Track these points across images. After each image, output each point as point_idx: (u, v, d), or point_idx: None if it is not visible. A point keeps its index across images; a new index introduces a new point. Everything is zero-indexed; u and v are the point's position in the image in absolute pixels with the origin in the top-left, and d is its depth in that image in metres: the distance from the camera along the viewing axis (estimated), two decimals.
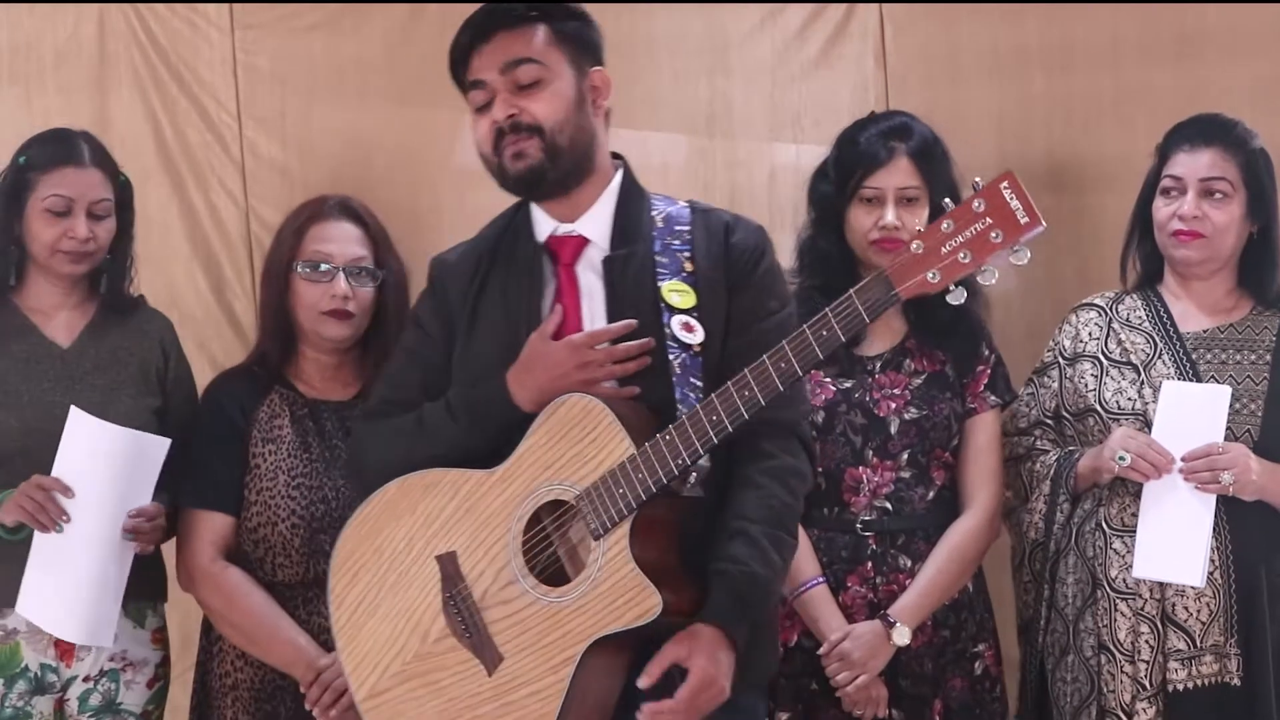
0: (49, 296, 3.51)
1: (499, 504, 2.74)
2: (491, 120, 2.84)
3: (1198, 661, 3.34)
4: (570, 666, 2.66)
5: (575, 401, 2.71)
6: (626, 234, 2.87)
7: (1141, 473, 3.31)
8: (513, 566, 2.72)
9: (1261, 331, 3.47)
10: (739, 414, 2.64)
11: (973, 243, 2.52)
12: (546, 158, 2.82)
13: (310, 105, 4.17)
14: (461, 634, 2.74)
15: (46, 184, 3.42)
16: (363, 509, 2.86)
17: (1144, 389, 3.43)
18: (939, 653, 3.49)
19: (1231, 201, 3.43)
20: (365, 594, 2.82)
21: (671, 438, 2.65)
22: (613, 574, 2.66)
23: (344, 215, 3.51)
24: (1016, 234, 2.50)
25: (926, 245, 2.55)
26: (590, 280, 2.86)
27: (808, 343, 2.62)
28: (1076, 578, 3.45)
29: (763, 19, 4.23)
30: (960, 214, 2.53)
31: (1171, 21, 4.09)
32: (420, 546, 2.79)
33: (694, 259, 2.86)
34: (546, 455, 2.72)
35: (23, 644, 3.40)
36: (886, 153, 3.50)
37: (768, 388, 2.63)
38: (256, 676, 3.40)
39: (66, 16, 4.09)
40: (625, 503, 2.66)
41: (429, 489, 2.80)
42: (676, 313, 2.80)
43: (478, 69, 2.87)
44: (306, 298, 3.45)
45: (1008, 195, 2.50)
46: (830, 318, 2.61)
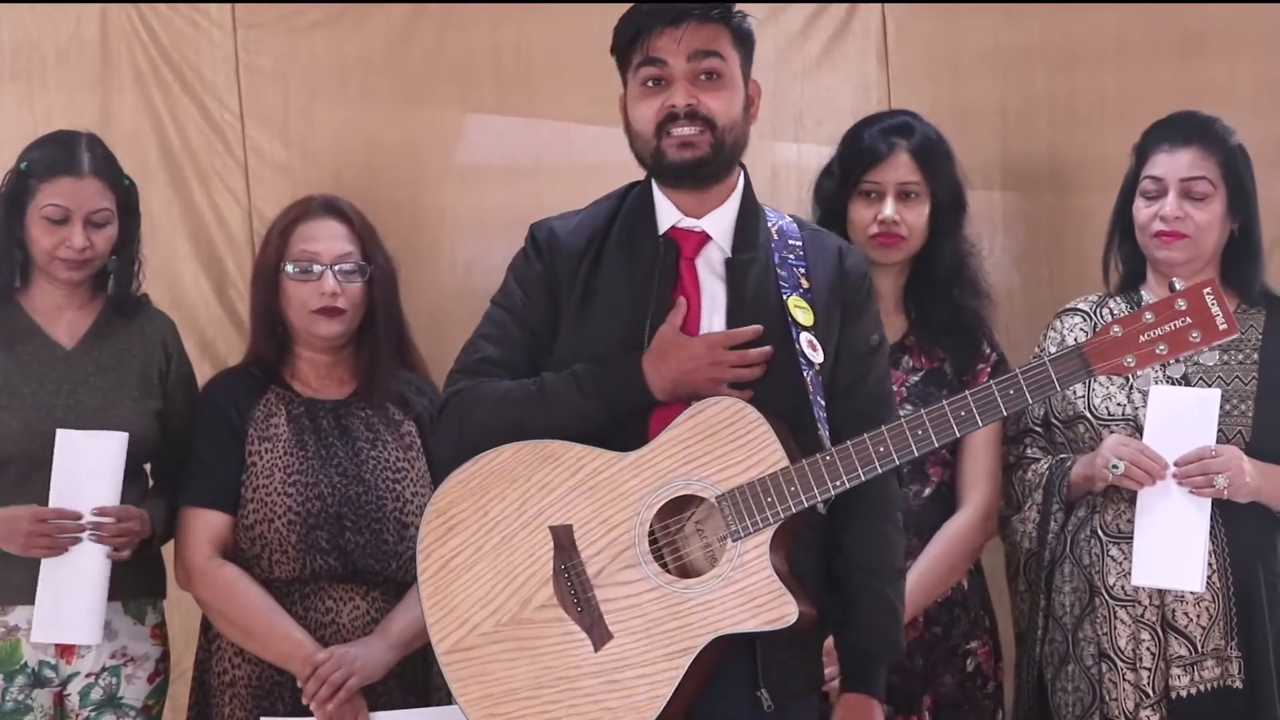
0: (53, 298, 3.52)
1: (627, 488, 2.76)
2: (666, 103, 2.84)
3: (1200, 667, 3.33)
4: (688, 657, 2.71)
5: (728, 404, 2.75)
6: (747, 239, 2.91)
7: (1135, 480, 3.29)
8: (636, 550, 2.75)
9: (1247, 330, 3.45)
10: (909, 451, 2.73)
11: (1171, 337, 2.69)
12: (712, 153, 2.86)
13: (312, 104, 4.17)
14: (571, 606, 2.76)
15: (45, 193, 3.43)
16: (469, 466, 2.83)
17: (1133, 394, 3.42)
18: (930, 649, 3.49)
19: (1213, 200, 3.42)
20: (460, 549, 2.81)
21: (833, 459, 2.73)
22: (747, 576, 2.72)
23: (329, 214, 3.52)
24: (1212, 338, 2.69)
25: (1125, 331, 2.70)
26: (709, 278, 2.88)
27: (992, 398, 2.71)
28: (1073, 586, 3.43)
29: (765, 18, 4.16)
30: (1162, 309, 2.69)
31: (1173, 21, 4.10)
32: (532, 514, 2.80)
33: (810, 277, 2.91)
34: (689, 450, 2.75)
35: (23, 641, 3.41)
36: (887, 148, 3.52)
37: (944, 431, 2.72)
38: (254, 673, 3.40)
39: (69, 15, 4.08)
40: (773, 511, 2.72)
41: (548, 459, 2.80)
42: (802, 329, 2.85)
43: (661, 49, 2.85)
44: (296, 297, 3.46)
45: (1209, 300, 2.68)
46: (1020, 379, 2.71)
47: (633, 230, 2.92)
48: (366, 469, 3.44)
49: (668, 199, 2.92)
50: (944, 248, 3.56)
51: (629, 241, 2.91)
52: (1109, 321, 2.71)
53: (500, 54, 4.18)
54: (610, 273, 2.90)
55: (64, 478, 3.34)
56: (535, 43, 4.16)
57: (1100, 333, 2.71)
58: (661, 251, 2.88)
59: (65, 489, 3.34)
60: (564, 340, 2.89)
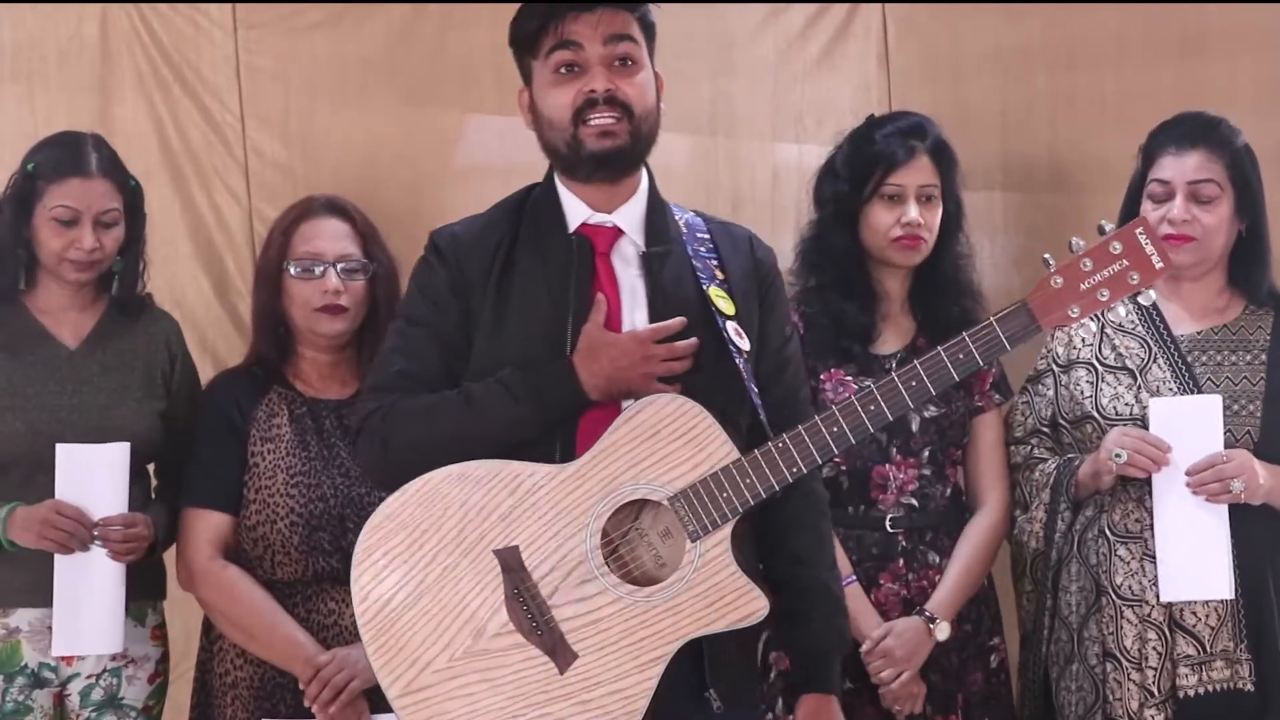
0: (58, 299, 3.53)
1: (571, 500, 2.68)
2: (584, 89, 2.76)
3: (1208, 667, 3.33)
4: (660, 666, 2.64)
5: (666, 402, 2.68)
6: (659, 232, 2.85)
7: (1140, 468, 3.29)
8: (590, 563, 2.66)
9: (1255, 331, 3.45)
10: (863, 428, 2.68)
11: (1110, 282, 2.66)
12: (630, 141, 2.78)
13: (313, 105, 4.17)
14: (531, 631, 2.66)
15: (54, 194, 3.43)
16: (397, 498, 2.71)
17: (1141, 394, 3.41)
18: (962, 646, 3.51)
19: (1220, 202, 3.42)
20: (399, 587, 2.68)
21: (786, 446, 2.67)
22: (712, 576, 2.66)
23: (331, 212, 3.53)
24: (1152, 276, 2.66)
25: (1066, 281, 2.66)
26: (626, 274, 2.82)
27: (942, 364, 2.67)
28: (1080, 585, 3.43)
29: (765, 19, 4.23)
30: (1098, 254, 2.66)
31: (1174, 21, 4.10)
32: (473, 540, 2.68)
33: (724, 268, 2.86)
34: (633, 453, 2.67)
35: (24, 643, 3.41)
36: (906, 151, 3.51)
37: (895, 403, 2.67)
38: (256, 674, 3.40)
39: (69, 16, 4.07)
40: (730, 507, 2.66)
41: (483, 481, 2.69)
42: (727, 318, 2.80)
43: (576, 32, 2.77)
44: (299, 296, 3.47)
45: (1143, 240, 2.65)
46: (968, 342, 2.66)
47: (542, 230, 2.84)
48: None
49: (575, 195, 2.84)
50: (949, 250, 3.57)
51: (539, 242, 2.83)
52: (1048, 272, 2.67)
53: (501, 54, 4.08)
54: (523, 276, 2.81)
55: (68, 491, 3.34)
56: None
57: (1040, 286, 2.66)
58: (575, 250, 2.80)
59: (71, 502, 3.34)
60: (481, 348, 2.80)
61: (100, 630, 3.36)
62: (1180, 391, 3.39)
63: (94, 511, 3.35)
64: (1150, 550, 3.33)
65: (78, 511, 3.33)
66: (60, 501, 3.33)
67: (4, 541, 3.35)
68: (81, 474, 3.35)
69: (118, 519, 3.35)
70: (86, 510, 3.34)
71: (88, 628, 3.35)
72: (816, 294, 3.56)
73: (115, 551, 3.34)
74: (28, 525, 3.33)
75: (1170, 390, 3.40)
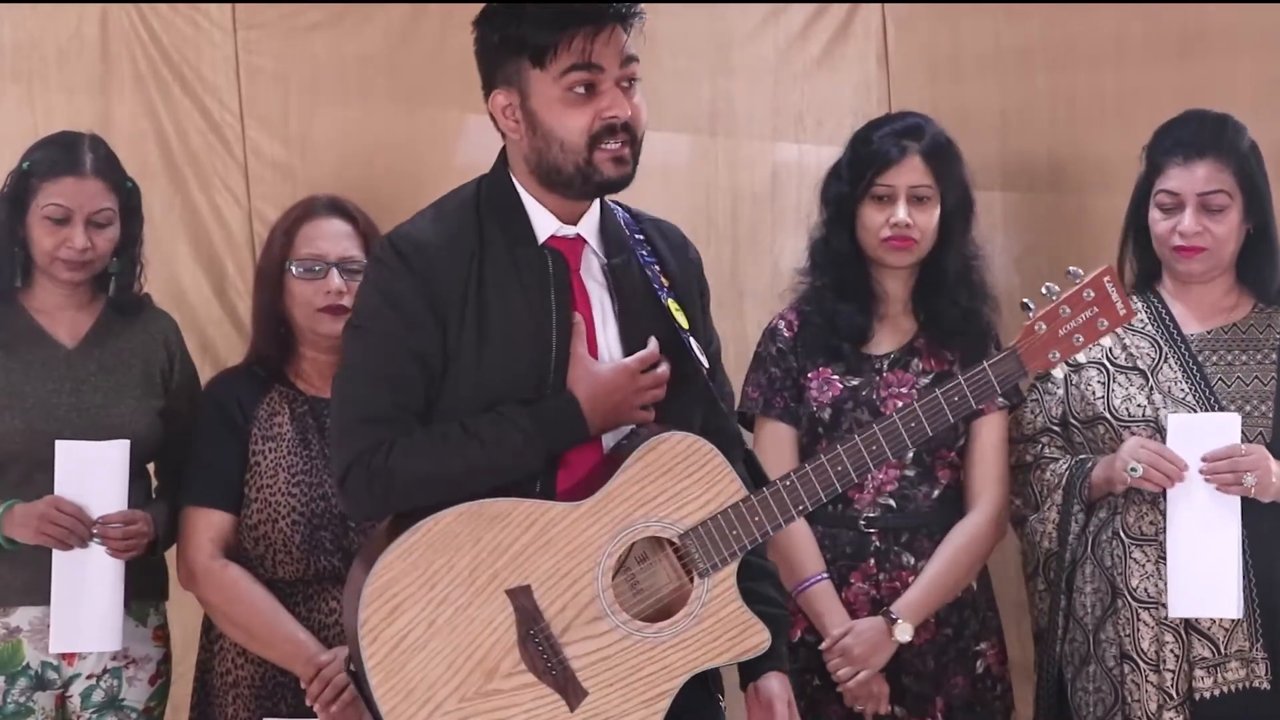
0: (54, 298, 3.52)
1: (584, 539, 2.67)
2: (605, 113, 2.65)
3: (1223, 668, 3.33)
4: (666, 700, 2.67)
5: (679, 440, 2.69)
6: (614, 240, 2.81)
7: (1154, 483, 3.29)
8: (601, 602, 2.67)
9: (1265, 330, 3.45)
10: (866, 469, 2.75)
11: (1084, 328, 2.81)
12: (633, 167, 2.72)
13: (313, 105, 4.17)
14: (544, 671, 2.64)
15: (47, 192, 3.43)
16: (408, 538, 2.64)
17: (1153, 394, 3.41)
18: (941, 650, 3.50)
19: (1230, 210, 3.41)
20: (410, 628, 2.63)
21: (794, 484, 2.72)
22: (719, 610, 2.70)
23: (334, 213, 3.53)
24: (1116, 324, 2.82)
25: (1048, 327, 2.80)
26: (593, 288, 2.79)
27: (939, 406, 2.75)
28: (1095, 587, 3.43)
29: (765, 18, 4.23)
30: (1073, 301, 2.81)
31: (1174, 20, 4.10)
32: (485, 579, 2.65)
33: (666, 273, 2.83)
34: (644, 491, 2.68)
35: (25, 643, 3.41)
36: (898, 151, 3.51)
37: (897, 445, 2.75)
38: (257, 674, 3.40)
39: (69, 16, 4.08)
40: (740, 544, 2.70)
41: (495, 520, 2.65)
42: (686, 333, 2.79)
43: (598, 54, 2.65)
44: (301, 296, 3.47)
45: (1109, 288, 2.82)
46: (963, 386, 2.76)
47: (509, 242, 2.73)
48: None
49: (541, 205, 2.75)
50: (953, 250, 3.56)
51: (509, 255, 2.73)
52: (1032, 318, 2.80)
53: None
54: (499, 292, 2.71)
55: (67, 489, 3.34)
56: None
57: (1026, 332, 2.79)
58: (552, 267, 2.73)
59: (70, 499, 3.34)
60: (464, 370, 2.70)
61: (98, 627, 3.35)
62: (1192, 391, 3.39)
63: (93, 509, 3.35)
64: (1165, 552, 3.32)
65: (76, 508, 3.33)
66: (59, 498, 3.33)
67: (2, 539, 3.35)
68: (81, 471, 3.35)
69: (117, 516, 3.35)
70: (85, 507, 3.34)
71: (86, 625, 3.35)
72: (816, 293, 3.57)
73: (114, 549, 3.34)
74: (26, 521, 3.33)
75: (1182, 390, 3.40)
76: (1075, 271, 2.80)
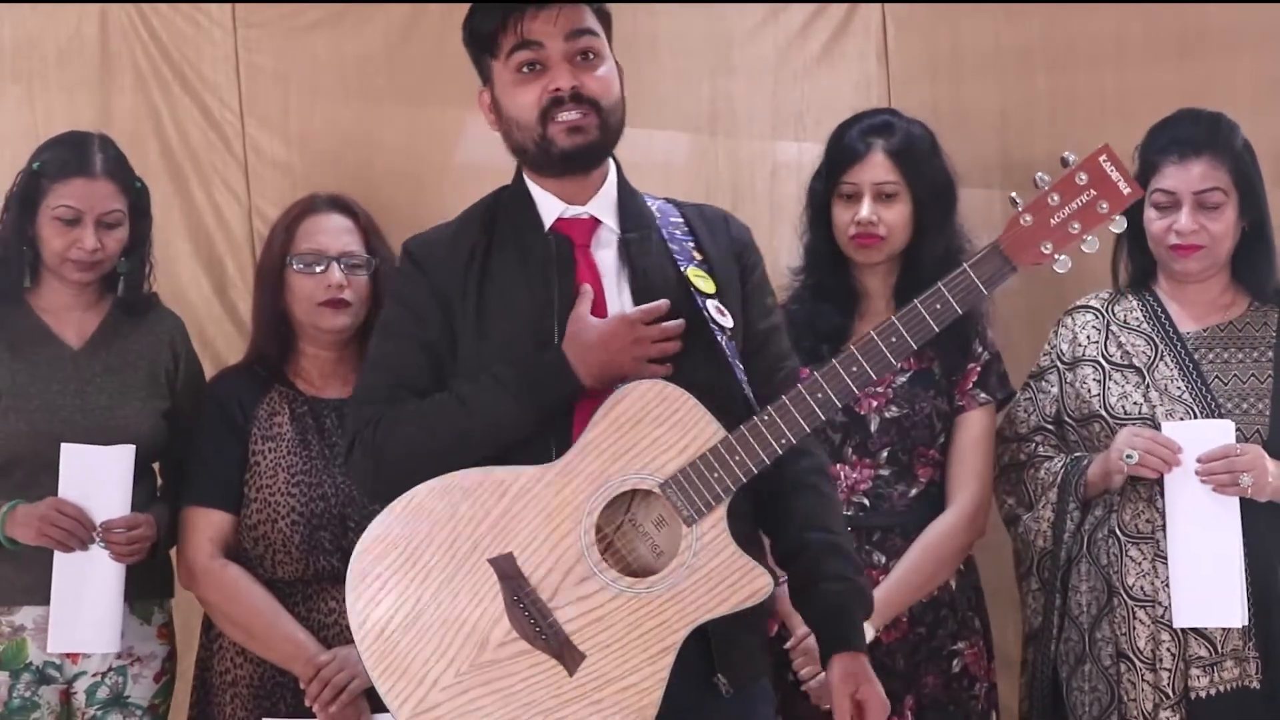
0: (62, 297, 3.53)
1: (562, 499, 2.64)
2: (549, 87, 2.72)
3: (1219, 668, 3.33)
4: (670, 655, 2.61)
5: (647, 388, 2.64)
6: (633, 217, 2.83)
7: (1151, 469, 3.29)
8: (587, 562, 2.63)
9: (1261, 328, 3.46)
10: (848, 392, 2.65)
11: (1081, 213, 2.62)
12: (600, 135, 2.75)
13: (313, 103, 4.17)
14: (535, 636, 2.62)
15: (57, 193, 3.44)
16: (384, 518, 2.66)
17: (1149, 392, 3.41)
18: (913, 650, 3.48)
19: (1226, 208, 3.41)
20: (396, 610, 2.64)
21: (772, 418, 2.63)
22: (712, 559, 2.63)
23: (334, 208, 3.54)
24: (1120, 203, 2.63)
25: (1035, 218, 2.63)
26: (607, 262, 2.79)
27: (920, 316, 2.62)
28: (1090, 585, 3.42)
29: (765, 17, 4.23)
30: (1064, 186, 2.63)
31: (1174, 20, 4.10)
32: (465, 551, 2.64)
33: (701, 248, 2.84)
34: (616, 445, 2.63)
35: (29, 641, 3.42)
36: (864, 148, 3.52)
37: (878, 361, 2.63)
38: (256, 673, 3.40)
39: (69, 15, 4.08)
40: (722, 486, 2.63)
41: (469, 491, 2.64)
42: (707, 297, 2.77)
43: (536, 30, 2.73)
44: (302, 291, 3.47)
45: (1108, 167, 2.62)
46: (944, 290, 2.63)
47: (518, 231, 2.79)
48: None
49: (546, 192, 2.80)
50: (930, 245, 3.52)
51: (516, 244, 2.79)
52: (1015, 211, 2.64)
53: None
54: (502, 279, 2.77)
55: (72, 491, 3.35)
56: None
57: (1010, 225, 2.62)
58: (554, 248, 2.77)
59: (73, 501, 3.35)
60: (466, 356, 2.75)
61: (96, 629, 3.36)
62: (1189, 389, 3.40)
63: (96, 512, 3.35)
64: (1162, 551, 3.33)
65: (78, 510, 3.33)
66: (61, 500, 3.34)
67: (3, 539, 3.36)
68: (85, 474, 3.35)
69: (120, 521, 3.36)
70: (89, 510, 3.34)
71: (84, 626, 3.35)
72: (800, 294, 3.59)
73: (118, 553, 3.35)
74: (28, 522, 3.34)
75: (1179, 389, 3.40)
76: (1067, 157, 2.66)
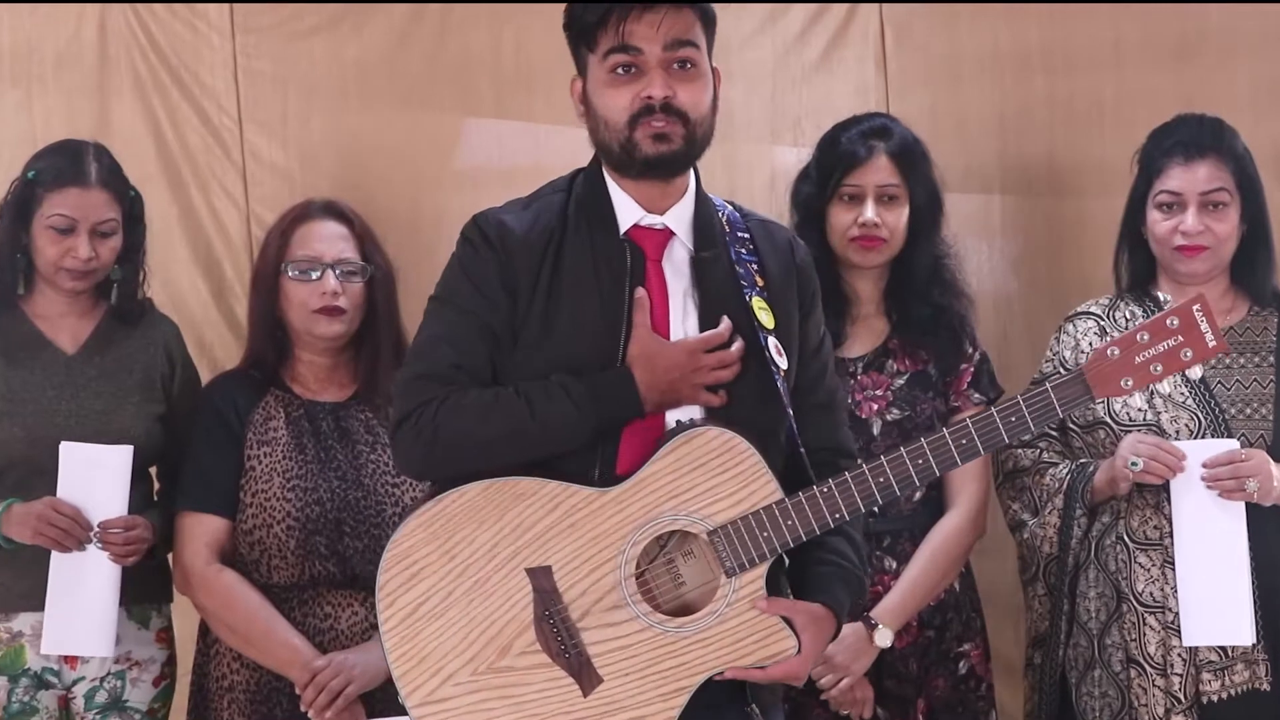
0: (56, 305, 3.53)
1: (609, 525, 2.64)
2: (642, 93, 2.68)
3: (1230, 671, 3.32)
4: (684, 697, 2.63)
5: (715, 435, 2.64)
6: (707, 235, 2.78)
7: (1156, 475, 3.28)
8: (622, 590, 2.64)
9: (1262, 333, 3.45)
10: (910, 482, 2.68)
11: (1165, 357, 2.69)
12: (685, 147, 2.71)
13: (311, 109, 4.17)
14: (558, 653, 2.63)
15: (51, 202, 3.44)
16: (431, 506, 2.66)
17: (1153, 398, 3.40)
18: (923, 653, 3.50)
19: (1230, 209, 3.42)
20: (428, 596, 2.65)
21: (831, 492, 2.65)
22: (743, 612, 2.64)
23: (329, 215, 3.53)
24: (1203, 356, 2.69)
25: (1123, 353, 2.68)
26: (676, 279, 2.76)
27: (995, 426, 2.67)
28: (1099, 592, 3.42)
29: (763, 22, 4.23)
30: (1155, 328, 2.69)
31: (1172, 23, 4.11)
32: (506, 556, 2.64)
33: (764, 273, 2.81)
34: (674, 484, 2.64)
35: (27, 647, 3.42)
36: (866, 151, 3.52)
37: (945, 460, 2.67)
38: (252, 678, 3.40)
39: (68, 19, 4.08)
40: (769, 546, 2.64)
41: (521, 498, 2.65)
42: (769, 334, 2.76)
43: (637, 35, 2.67)
44: (297, 298, 3.47)
45: (1199, 318, 2.68)
46: (1022, 405, 2.67)
47: (592, 229, 2.75)
48: (366, 473, 3.44)
49: (626, 194, 2.76)
50: (922, 249, 3.54)
51: (590, 242, 2.75)
52: (1105, 343, 2.70)
53: (499, 57, 4.18)
54: (573, 277, 2.73)
55: (70, 490, 3.35)
56: (534, 46, 4.16)
57: (1097, 356, 2.68)
58: (629, 259, 2.73)
59: (72, 500, 3.35)
60: (527, 349, 2.72)
61: (91, 632, 3.36)
62: (1192, 395, 3.39)
63: (93, 513, 3.35)
64: (1170, 557, 3.32)
65: (75, 510, 3.33)
66: (57, 499, 3.33)
67: (1, 539, 3.36)
68: (83, 473, 3.35)
69: (118, 521, 3.36)
70: (86, 510, 3.34)
71: (79, 628, 3.35)
72: None
73: (115, 554, 3.35)
74: (24, 521, 3.34)
75: (1182, 394, 3.39)
76: (1163, 297, 2.72)
